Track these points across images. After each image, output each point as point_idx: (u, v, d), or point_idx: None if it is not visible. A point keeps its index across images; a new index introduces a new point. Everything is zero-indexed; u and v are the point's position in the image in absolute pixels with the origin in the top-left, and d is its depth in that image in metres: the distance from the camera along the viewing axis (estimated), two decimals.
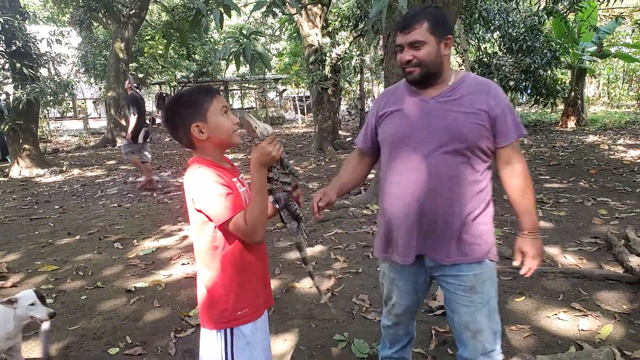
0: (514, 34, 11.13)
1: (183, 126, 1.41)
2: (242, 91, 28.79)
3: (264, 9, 5.10)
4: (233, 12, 3.57)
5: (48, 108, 17.84)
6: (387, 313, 1.89)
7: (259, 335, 1.49)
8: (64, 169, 9.66)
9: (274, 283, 3.34)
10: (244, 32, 3.29)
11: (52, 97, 10.57)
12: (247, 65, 3.31)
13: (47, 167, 9.60)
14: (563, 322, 2.59)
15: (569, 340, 2.39)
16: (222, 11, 3.58)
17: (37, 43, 10.00)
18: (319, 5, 10.19)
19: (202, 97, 1.42)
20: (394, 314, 1.85)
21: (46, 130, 18.18)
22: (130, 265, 3.86)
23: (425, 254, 1.64)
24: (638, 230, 3.87)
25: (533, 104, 13.80)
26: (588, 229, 4.16)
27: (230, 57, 3.48)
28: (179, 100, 1.44)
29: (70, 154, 12.80)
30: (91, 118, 25.61)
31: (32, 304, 1.99)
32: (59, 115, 27.80)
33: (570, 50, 12.90)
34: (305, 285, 3.30)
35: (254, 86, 25.62)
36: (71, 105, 28.38)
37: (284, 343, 2.54)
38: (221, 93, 1.58)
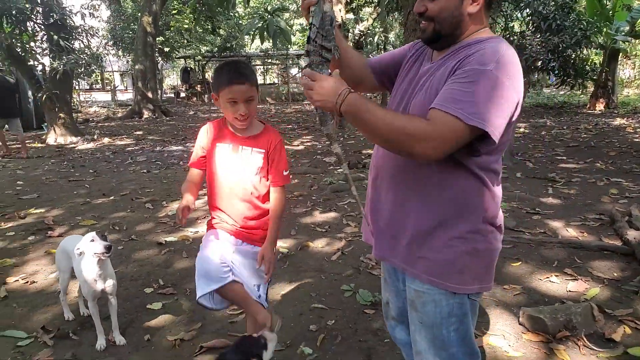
0: (544, 11, 10.95)
1: (211, 90, 1.80)
2: (265, 67, 28.92)
3: None
4: None
5: (78, 80, 18.43)
6: (385, 316, 1.67)
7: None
8: (95, 137, 10.13)
9: (290, 242, 3.63)
10: (269, 9, 3.50)
11: (83, 69, 11.03)
12: (270, 40, 3.53)
13: (80, 135, 10.08)
14: (553, 284, 2.81)
15: (556, 299, 2.61)
16: None
17: (72, 16, 10.40)
18: None
19: (224, 79, 1.69)
20: (390, 316, 1.62)
21: (76, 101, 18.80)
22: (161, 223, 4.21)
23: (374, 248, 1.45)
24: None
25: (559, 85, 13.62)
26: (595, 207, 4.30)
27: (255, 32, 3.70)
28: (217, 68, 1.82)
29: (100, 124, 13.32)
30: (118, 90, 26.21)
31: (92, 240, 2.16)
32: (87, 87, 28.59)
33: (603, 30, 12.57)
34: (317, 244, 3.59)
35: (277, 62, 25.72)
36: (99, 78, 29.12)
37: (297, 290, 2.84)
38: (246, 79, 1.69)
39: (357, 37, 10.87)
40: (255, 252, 1.82)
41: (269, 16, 3.43)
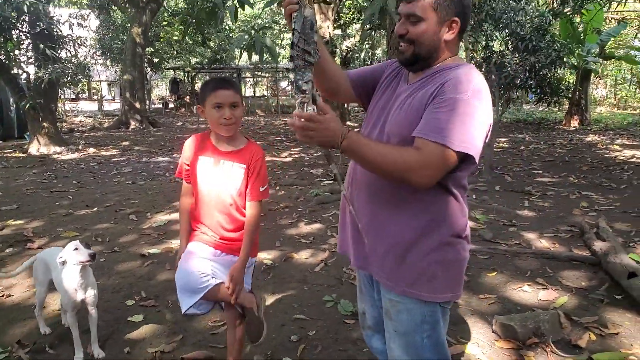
0: (521, 32, 11.33)
1: (197, 103, 1.93)
2: (255, 79, 29.07)
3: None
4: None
5: (64, 89, 18.33)
6: (361, 326, 1.73)
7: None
8: (80, 147, 10.10)
9: (274, 254, 3.71)
10: (255, 26, 3.63)
11: (69, 78, 11.00)
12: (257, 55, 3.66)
13: (64, 145, 10.04)
14: (526, 293, 2.94)
15: (528, 308, 2.74)
16: (237, 6, 3.94)
17: (60, 25, 10.42)
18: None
19: (209, 87, 1.81)
20: (366, 326, 1.67)
21: (62, 110, 18.65)
22: (144, 235, 4.25)
23: (352, 258, 1.52)
24: (610, 220, 4.22)
25: (537, 102, 14.01)
26: (567, 219, 4.48)
27: (243, 47, 3.83)
28: (204, 82, 1.96)
29: (85, 134, 13.25)
30: (105, 100, 26.07)
31: (76, 249, 2.18)
32: (73, 97, 28.36)
33: (576, 51, 13.06)
34: (301, 255, 3.67)
35: (267, 74, 25.90)
36: (86, 87, 28.92)
37: (280, 301, 2.92)
38: (231, 87, 1.82)
39: (344, 53, 11.08)
40: (235, 261, 1.90)
41: (255, 34, 3.55)
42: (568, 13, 11.15)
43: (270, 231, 4.27)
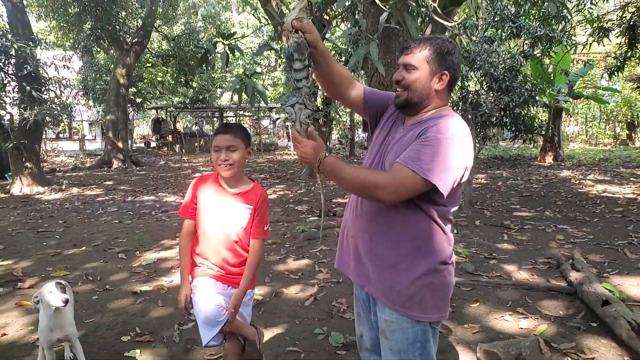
0: (495, 73, 11.95)
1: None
2: (238, 118, 29.46)
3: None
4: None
5: (46, 128, 18.32)
6: (359, 348, 1.85)
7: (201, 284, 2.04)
8: (64, 187, 10.07)
9: (265, 289, 3.79)
10: (247, 71, 3.86)
11: (51, 119, 11.06)
12: (249, 100, 3.86)
13: (47, 185, 9.99)
14: (507, 322, 3.09)
15: (510, 335, 2.88)
16: (228, 52, 4.17)
17: (46, 67, 10.58)
18: None
19: (214, 132, 2.04)
20: (364, 348, 1.79)
21: (43, 150, 18.58)
22: (135, 273, 4.29)
23: (353, 275, 1.69)
24: (584, 252, 4.45)
25: (513, 139, 14.61)
26: (544, 251, 4.68)
27: (234, 91, 4.03)
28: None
29: (68, 174, 13.20)
30: (87, 139, 26.00)
31: (51, 292, 2.20)
32: (54, 136, 28.22)
33: (547, 91, 13.78)
34: (291, 291, 3.76)
35: (249, 114, 26.34)
36: (67, 127, 28.85)
37: (271, 335, 3.00)
38: (229, 131, 1.97)
39: (325, 94, 11.48)
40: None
41: (247, 79, 3.77)
42: (538, 55, 11.86)
43: (260, 268, 4.33)
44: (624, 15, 8.51)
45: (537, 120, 13.65)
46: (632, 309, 3.06)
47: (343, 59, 12.62)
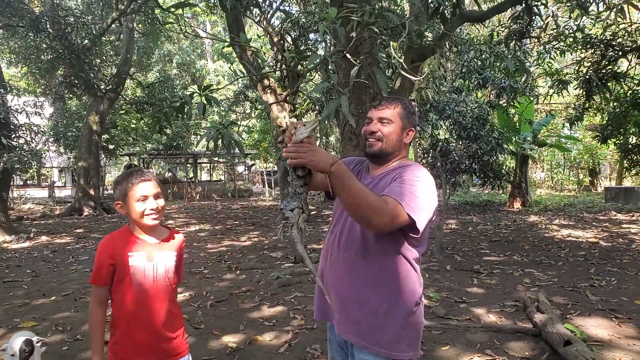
0: (463, 122, 12.52)
1: (113, 200, 1.91)
2: (212, 165, 29.53)
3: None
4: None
5: (13, 175, 17.93)
6: None
7: None
8: (32, 235, 9.82)
9: (239, 337, 3.79)
10: (224, 122, 4.03)
11: (20, 165, 10.89)
12: (225, 149, 4.02)
13: (14, 233, 9.74)
14: None
15: None
16: (205, 102, 4.35)
17: (17, 114, 10.57)
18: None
19: (130, 182, 1.82)
20: None
21: (10, 197, 18.11)
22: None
23: (336, 326, 1.73)
24: (549, 295, 4.63)
25: (482, 186, 15.14)
26: (512, 294, 4.85)
27: (210, 141, 4.18)
28: (116, 179, 1.91)
29: (36, 222, 12.88)
30: (56, 186, 25.49)
31: (13, 355, 2.09)
32: (21, 183, 27.57)
33: (513, 139, 14.46)
34: (265, 338, 3.77)
35: (223, 160, 26.48)
36: (36, 173, 28.29)
37: None
38: (152, 178, 1.86)
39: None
40: None
41: (224, 129, 3.93)
42: (503, 105, 12.53)
43: (234, 315, 4.36)
44: (580, 70, 9.19)
45: (504, 167, 14.24)
46: (592, 348, 3.22)
47: (317, 108, 13.05)
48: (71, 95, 18.29)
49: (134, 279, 1.81)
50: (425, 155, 13.44)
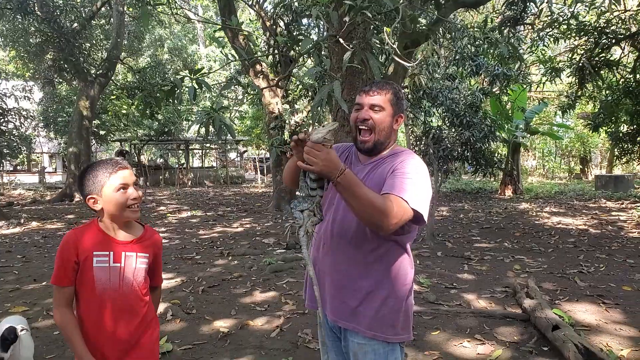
0: (456, 109, 12.50)
1: (83, 196, 1.66)
2: (204, 151, 29.37)
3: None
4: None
5: (2, 161, 17.76)
6: None
7: None
8: (22, 221, 9.74)
9: (230, 322, 3.80)
10: (215, 106, 3.98)
11: (9, 151, 10.76)
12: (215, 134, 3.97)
13: (4, 219, 9.66)
14: (466, 348, 3.22)
15: None
16: (196, 87, 4.29)
17: (6, 99, 10.41)
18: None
19: (106, 171, 1.61)
20: None
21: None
22: None
23: (329, 313, 1.72)
24: (539, 281, 4.68)
25: (474, 173, 15.20)
26: (502, 280, 4.90)
27: (201, 125, 4.13)
28: (84, 171, 1.66)
29: (26, 207, 12.76)
30: (47, 172, 25.26)
31: None
32: (11, 169, 27.29)
33: (505, 127, 14.49)
34: (257, 322, 3.79)
35: (215, 146, 26.34)
36: (26, 159, 27.99)
37: None
38: (128, 165, 1.68)
39: (292, 127, 11.68)
40: None
41: (215, 114, 3.89)
42: (496, 92, 12.53)
43: (226, 300, 4.37)
44: (573, 57, 9.18)
45: (497, 155, 14.27)
46: (579, 333, 3.27)
47: (310, 94, 12.96)
48: (61, 80, 18.02)
49: (97, 284, 1.61)
50: (418, 142, 13.43)
